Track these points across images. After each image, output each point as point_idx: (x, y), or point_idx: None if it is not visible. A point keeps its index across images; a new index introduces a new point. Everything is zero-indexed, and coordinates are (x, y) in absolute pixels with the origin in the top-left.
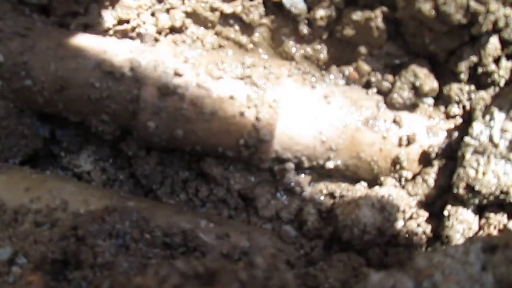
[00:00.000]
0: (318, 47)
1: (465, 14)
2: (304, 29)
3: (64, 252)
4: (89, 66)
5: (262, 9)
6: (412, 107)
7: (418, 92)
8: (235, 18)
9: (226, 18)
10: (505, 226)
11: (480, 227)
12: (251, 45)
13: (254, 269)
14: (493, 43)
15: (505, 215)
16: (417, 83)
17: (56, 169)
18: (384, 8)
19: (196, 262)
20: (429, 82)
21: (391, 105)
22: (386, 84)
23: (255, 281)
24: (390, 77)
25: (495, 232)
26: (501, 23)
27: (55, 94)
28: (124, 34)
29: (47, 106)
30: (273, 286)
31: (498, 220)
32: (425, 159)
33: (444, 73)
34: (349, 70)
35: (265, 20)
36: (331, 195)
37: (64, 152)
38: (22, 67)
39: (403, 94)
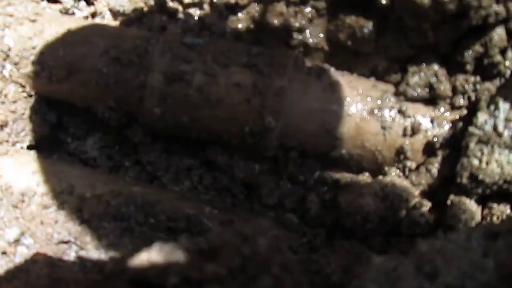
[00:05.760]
0: (322, 35)
1: (458, 4)
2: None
3: (70, 233)
4: (97, 52)
5: None
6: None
7: (433, 91)
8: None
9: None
10: (508, 216)
11: (483, 217)
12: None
13: (257, 247)
14: (500, 34)
15: (508, 205)
16: (435, 84)
17: (62, 155)
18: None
19: (200, 239)
20: (445, 84)
21: (401, 96)
22: (395, 76)
23: (258, 257)
24: (397, 68)
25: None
26: (491, 19)
27: (63, 79)
28: (132, 22)
29: (55, 91)
30: (275, 263)
31: (501, 210)
32: (429, 149)
33: (449, 64)
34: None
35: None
36: (335, 184)
37: (71, 138)
38: (31, 52)
39: (417, 90)
